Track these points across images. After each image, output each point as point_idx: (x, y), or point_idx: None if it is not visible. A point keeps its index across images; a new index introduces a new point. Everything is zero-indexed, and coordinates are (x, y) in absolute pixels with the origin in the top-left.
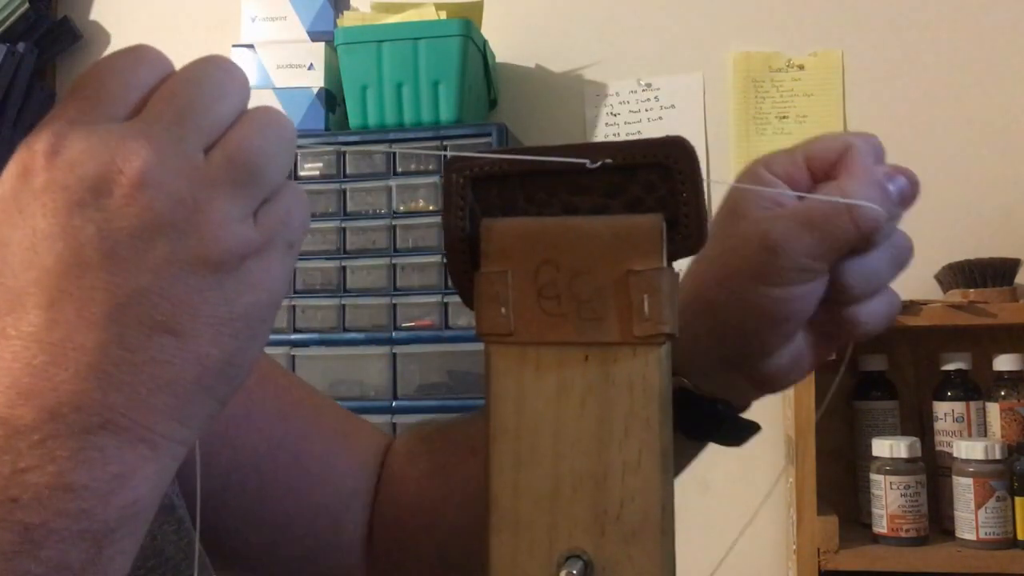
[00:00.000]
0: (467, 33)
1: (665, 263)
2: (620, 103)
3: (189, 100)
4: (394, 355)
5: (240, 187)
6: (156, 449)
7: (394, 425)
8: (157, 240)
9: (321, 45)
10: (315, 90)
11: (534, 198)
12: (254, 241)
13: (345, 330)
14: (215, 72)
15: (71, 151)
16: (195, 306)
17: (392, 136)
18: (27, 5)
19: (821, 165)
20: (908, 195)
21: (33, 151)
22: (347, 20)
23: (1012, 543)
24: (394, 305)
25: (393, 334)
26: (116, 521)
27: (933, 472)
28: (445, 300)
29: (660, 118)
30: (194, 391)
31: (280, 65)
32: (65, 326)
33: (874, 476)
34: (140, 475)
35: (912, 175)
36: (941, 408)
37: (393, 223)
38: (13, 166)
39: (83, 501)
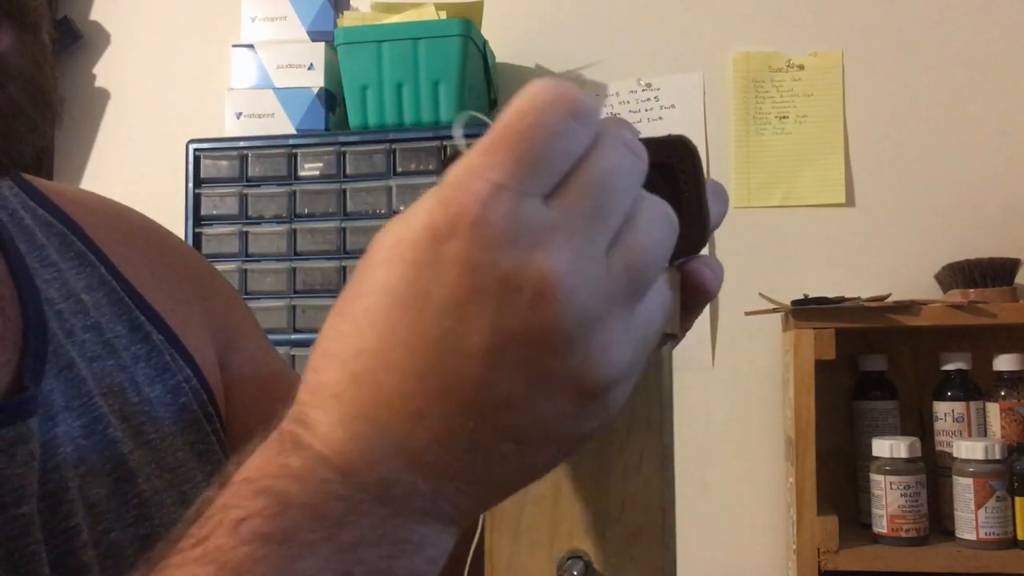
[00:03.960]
0: (467, 33)
1: (668, 263)
2: (620, 103)
3: (606, 194)
4: None
5: (630, 304)
6: (459, 529)
7: None
8: (547, 356)
9: (321, 45)
10: (315, 90)
11: None
12: (628, 370)
13: None
14: (626, 160)
15: (495, 230)
16: (550, 425)
17: (392, 136)
18: None
19: None
20: None
21: (451, 212)
22: (347, 20)
23: (1012, 543)
24: None
25: None
26: None
27: (933, 472)
28: None
29: (660, 118)
30: (511, 492)
31: (280, 65)
32: (424, 401)
33: (874, 476)
34: (444, 554)
35: None
36: (941, 408)
37: None
38: (423, 215)
39: None
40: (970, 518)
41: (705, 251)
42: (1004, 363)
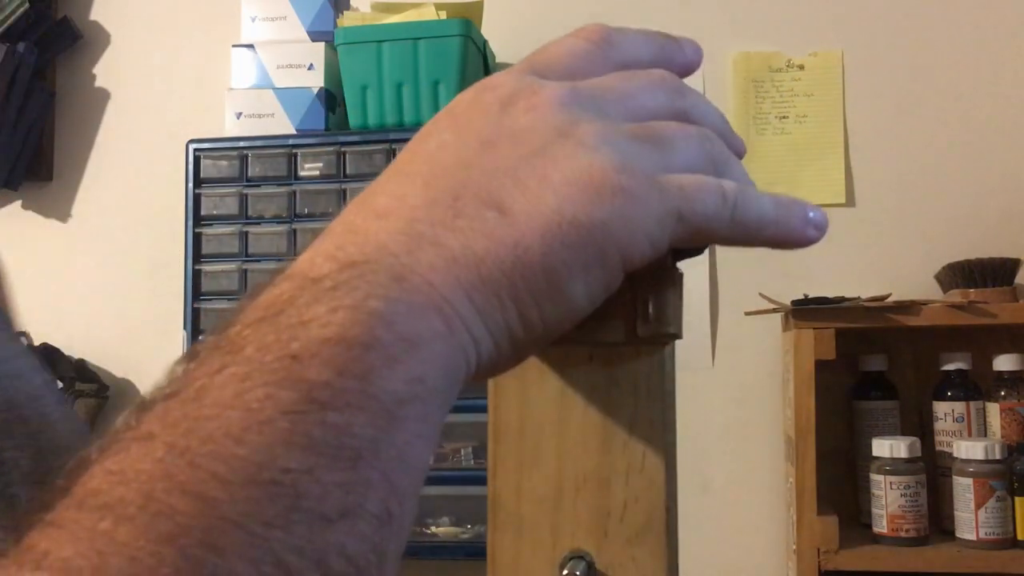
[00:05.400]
0: (467, 33)
1: (669, 263)
2: None
3: (613, 86)
4: None
5: (649, 148)
6: (449, 327)
7: None
8: (533, 140)
9: (321, 45)
10: (315, 90)
11: None
12: (633, 177)
13: None
14: (651, 72)
15: (498, 80)
16: (537, 196)
17: (392, 136)
18: (27, 5)
19: None
20: None
21: (467, 89)
22: (347, 20)
23: (1012, 543)
24: None
25: None
26: (405, 394)
27: (933, 472)
28: None
29: None
30: (499, 280)
31: (280, 65)
32: (410, 180)
33: (874, 476)
34: (429, 349)
35: None
36: (941, 408)
37: None
38: (452, 101)
39: (365, 361)
40: (970, 518)
41: (706, 251)
42: (1004, 363)
